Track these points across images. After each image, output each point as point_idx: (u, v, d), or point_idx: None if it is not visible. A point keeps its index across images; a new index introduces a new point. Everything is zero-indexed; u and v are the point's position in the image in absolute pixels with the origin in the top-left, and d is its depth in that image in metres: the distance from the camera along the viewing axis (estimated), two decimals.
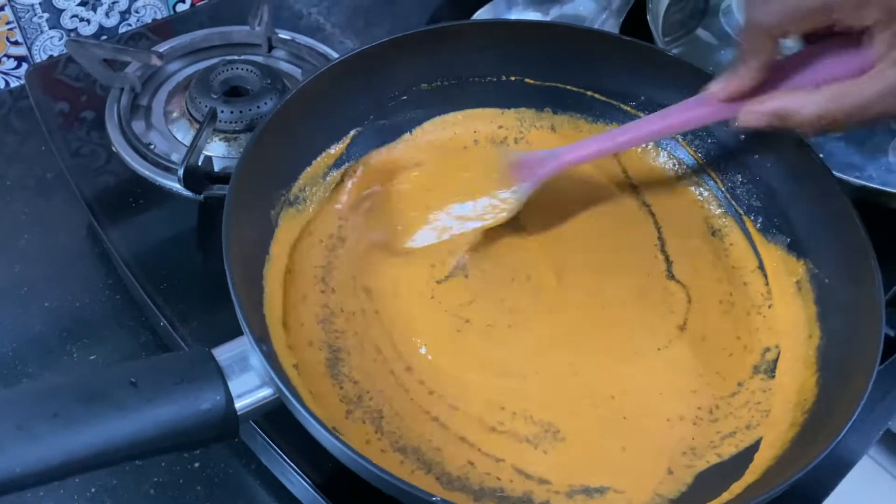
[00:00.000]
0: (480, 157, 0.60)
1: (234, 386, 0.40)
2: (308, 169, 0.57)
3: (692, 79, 0.59)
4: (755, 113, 0.47)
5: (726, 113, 0.50)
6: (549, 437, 0.48)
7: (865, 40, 0.44)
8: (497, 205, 0.55)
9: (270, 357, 0.41)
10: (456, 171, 0.58)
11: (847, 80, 0.43)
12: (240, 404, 0.40)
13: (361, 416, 0.48)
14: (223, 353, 0.41)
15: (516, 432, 0.48)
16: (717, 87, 0.50)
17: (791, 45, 0.50)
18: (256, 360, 0.41)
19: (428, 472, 0.46)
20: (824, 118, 0.44)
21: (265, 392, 0.41)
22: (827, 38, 0.46)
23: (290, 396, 0.39)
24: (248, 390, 0.41)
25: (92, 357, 0.59)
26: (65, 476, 0.36)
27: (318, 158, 0.57)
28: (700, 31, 0.80)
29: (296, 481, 0.49)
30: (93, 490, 0.52)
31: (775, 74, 0.48)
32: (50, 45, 0.79)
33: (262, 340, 0.42)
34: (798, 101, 0.45)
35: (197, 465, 0.54)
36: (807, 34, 0.46)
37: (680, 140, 0.62)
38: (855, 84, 0.43)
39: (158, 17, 0.84)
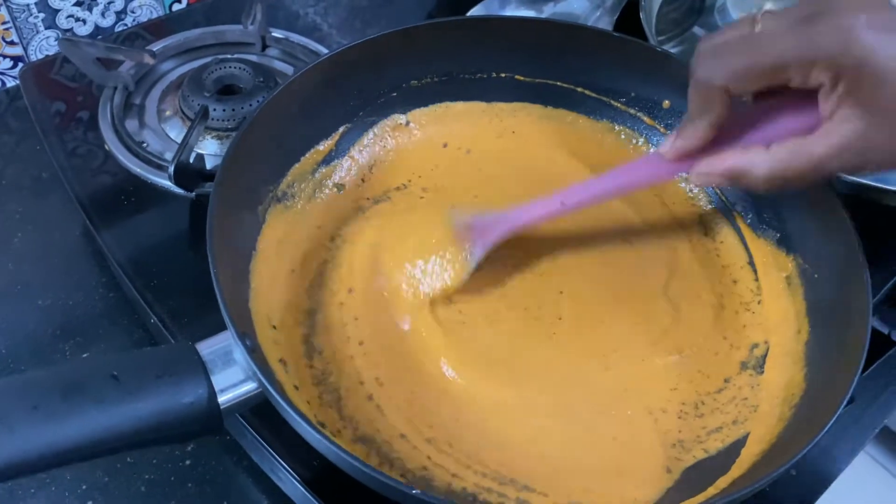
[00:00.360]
0: (428, 221, 0.56)
1: (218, 380, 0.40)
2: (296, 165, 0.57)
3: (682, 75, 0.59)
4: (706, 175, 0.46)
5: (677, 171, 0.49)
6: (522, 491, 0.45)
7: (819, 97, 0.41)
8: (447, 267, 0.53)
9: (254, 351, 0.41)
10: (407, 231, 0.55)
11: (799, 137, 0.42)
12: (223, 398, 0.40)
13: (328, 400, 0.48)
14: (207, 348, 0.41)
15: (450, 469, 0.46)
16: (665, 147, 0.48)
17: None
18: (239, 354, 0.41)
19: (391, 468, 0.45)
20: (777, 178, 0.43)
21: (249, 386, 0.41)
22: (778, 94, 0.43)
23: (272, 390, 0.39)
24: (232, 384, 0.40)
25: (85, 355, 0.59)
26: (45, 468, 0.36)
27: (307, 155, 0.57)
28: (696, 30, 0.80)
29: (285, 478, 0.49)
30: (84, 487, 0.53)
31: (726, 131, 0.45)
32: (46, 45, 0.79)
33: (246, 335, 0.42)
34: (750, 161, 0.43)
35: (188, 462, 0.54)
36: (758, 92, 0.44)
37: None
38: (806, 143, 0.41)
39: (154, 16, 0.84)
